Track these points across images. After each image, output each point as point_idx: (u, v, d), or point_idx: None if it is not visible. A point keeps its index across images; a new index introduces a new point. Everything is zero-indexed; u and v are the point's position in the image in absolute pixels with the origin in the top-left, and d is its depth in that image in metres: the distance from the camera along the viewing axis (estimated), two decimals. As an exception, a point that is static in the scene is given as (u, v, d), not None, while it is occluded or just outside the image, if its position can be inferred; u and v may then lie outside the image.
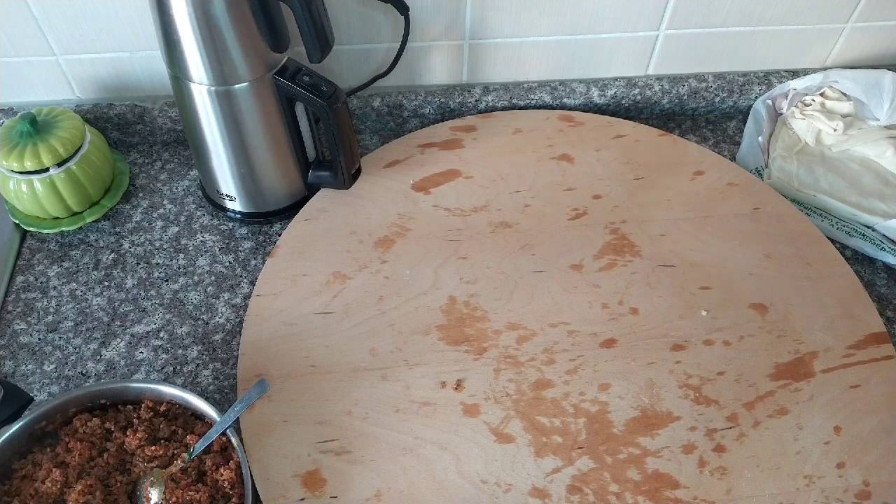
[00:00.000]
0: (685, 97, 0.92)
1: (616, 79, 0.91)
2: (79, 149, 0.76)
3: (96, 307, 0.74)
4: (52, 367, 0.69)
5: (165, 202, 0.83)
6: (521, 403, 0.65)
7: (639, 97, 0.91)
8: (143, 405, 0.62)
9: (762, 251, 0.76)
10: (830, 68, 0.91)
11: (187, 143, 0.87)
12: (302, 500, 0.60)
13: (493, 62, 0.88)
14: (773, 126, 0.88)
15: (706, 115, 0.94)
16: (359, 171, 0.82)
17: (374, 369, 0.67)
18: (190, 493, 0.56)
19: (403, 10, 0.77)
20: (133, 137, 0.88)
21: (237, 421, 0.61)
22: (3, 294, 0.75)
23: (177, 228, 0.80)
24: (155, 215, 0.82)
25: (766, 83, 0.91)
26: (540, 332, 0.70)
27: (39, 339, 0.72)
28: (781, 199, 0.81)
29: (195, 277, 0.76)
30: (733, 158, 0.88)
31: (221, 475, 0.58)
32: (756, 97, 0.91)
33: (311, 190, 0.81)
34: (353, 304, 0.72)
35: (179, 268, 0.77)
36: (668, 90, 0.91)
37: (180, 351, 0.71)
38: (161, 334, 0.72)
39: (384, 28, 0.82)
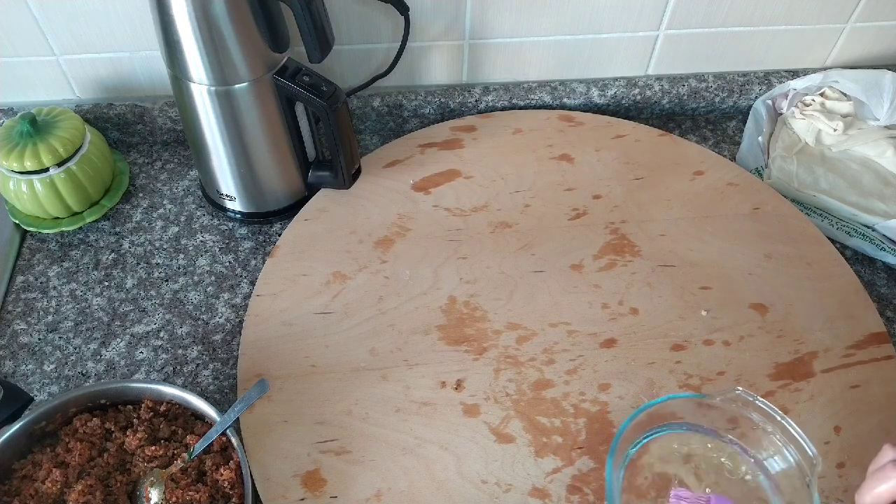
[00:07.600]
0: (685, 97, 0.92)
1: (616, 79, 0.91)
2: (79, 149, 0.76)
3: (96, 307, 0.74)
4: (52, 367, 0.69)
5: (165, 202, 0.83)
6: (521, 403, 0.65)
7: (639, 97, 0.91)
8: (143, 405, 0.62)
9: (762, 251, 0.76)
10: (830, 68, 0.91)
11: (187, 143, 0.87)
12: (302, 500, 0.60)
13: (493, 62, 0.88)
14: (773, 126, 0.88)
15: (706, 115, 0.94)
16: (359, 171, 0.82)
17: (374, 369, 0.67)
18: (190, 493, 0.56)
19: (403, 10, 0.77)
20: (133, 137, 0.88)
21: (237, 421, 0.61)
22: (3, 294, 0.75)
23: (177, 228, 0.80)
24: (155, 215, 0.82)
25: (766, 83, 0.91)
26: (540, 332, 0.70)
27: (39, 339, 0.72)
28: (781, 199, 0.81)
29: (195, 277, 0.76)
30: (733, 158, 0.88)
31: (221, 475, 0.58)
32: (756, 97, 0.91)
33: (311, 190, 0.81)
34: (353, 304, 0.72)
35: (179, 268, 0.77)
36: (668, 90, 0.91)
37: (180, 351, 0.71)
38: (161, 334, 0.72)
39: (384, 28, 0.82)
